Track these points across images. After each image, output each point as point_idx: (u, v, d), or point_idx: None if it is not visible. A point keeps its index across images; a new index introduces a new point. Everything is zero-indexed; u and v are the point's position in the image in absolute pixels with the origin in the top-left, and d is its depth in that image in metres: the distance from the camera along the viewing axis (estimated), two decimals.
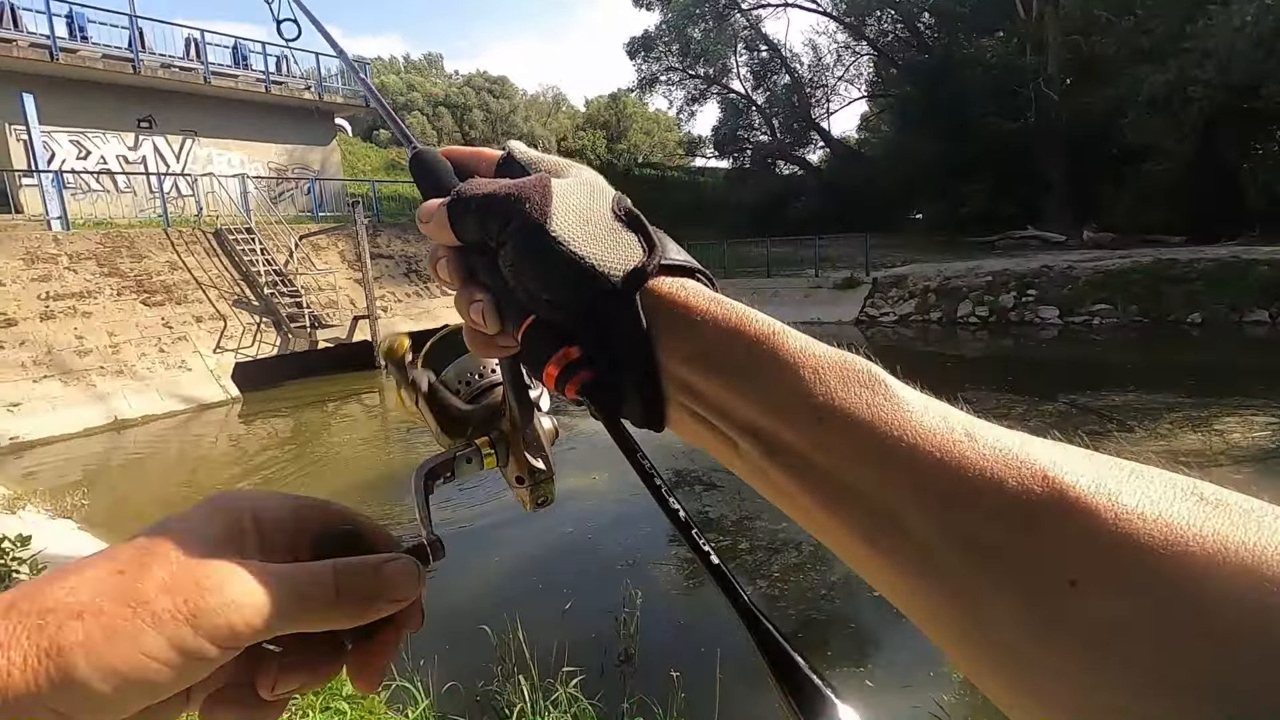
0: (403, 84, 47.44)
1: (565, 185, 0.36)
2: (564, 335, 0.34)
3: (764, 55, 32.62)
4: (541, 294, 0.34)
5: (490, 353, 0.38)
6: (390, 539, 0.39)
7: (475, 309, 0.36)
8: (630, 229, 0.35)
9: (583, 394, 0.34)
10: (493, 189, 0.35)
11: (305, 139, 19.77)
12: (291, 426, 10.72)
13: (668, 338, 0.33)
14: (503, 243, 0.34)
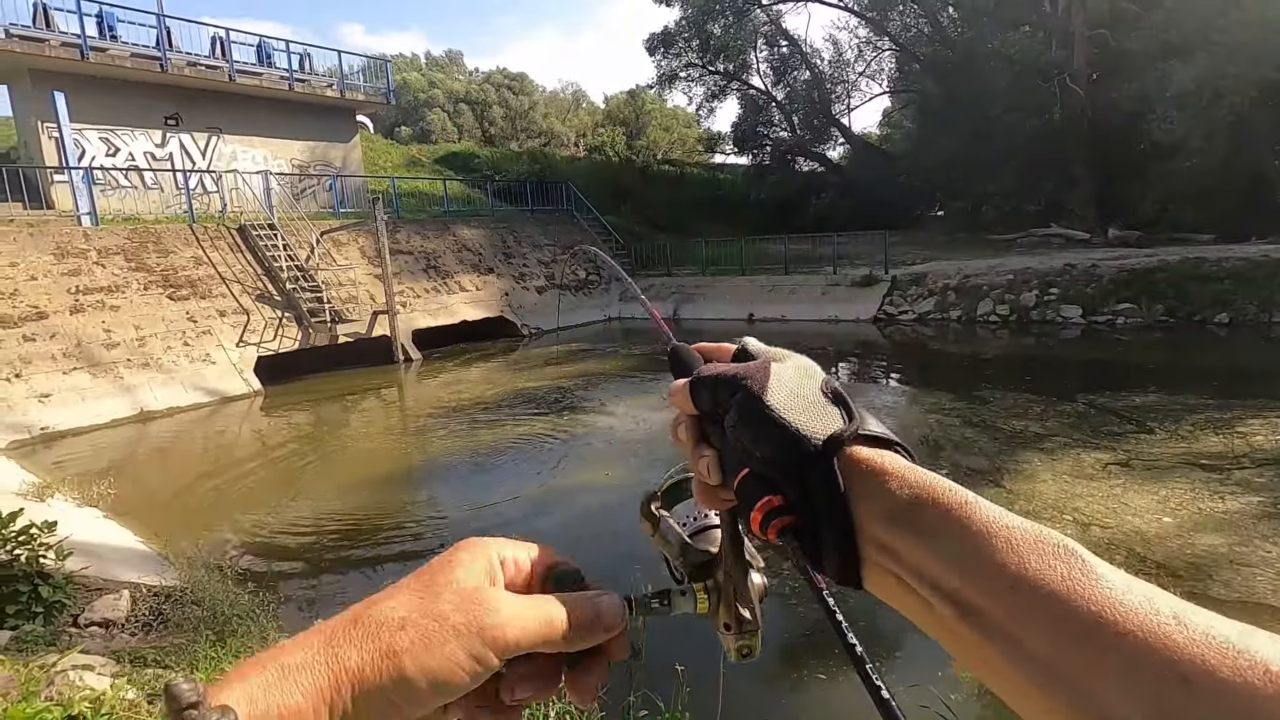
0: (424, 81, 47.79)
1: (782, 368, 0.44)
2: (770, 486, 0.40)
3: (784, 51, 32.38)
4: (755, 451, 0.40)
5: (713, 504, 0.46)
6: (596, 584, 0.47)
7: (703, 463, 0.44)
8: (834, 404, 0.41)
9: (782, 536, 0.39)
10: (725, 369, 0.45)
11: (327, 136, 20.01)
12: (312, 419, 10.90)
13: (864, 498, 0.37)
14: (728, 409, 0.42)
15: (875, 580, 0.38)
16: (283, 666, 0.34)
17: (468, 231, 19.72)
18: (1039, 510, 5.44)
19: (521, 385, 12.13)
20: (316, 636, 0.36)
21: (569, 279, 20.90)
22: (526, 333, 17.98)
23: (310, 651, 0.35)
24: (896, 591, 0.37)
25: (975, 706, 3.41)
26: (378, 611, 0.37)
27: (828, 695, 3.58)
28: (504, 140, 44.97)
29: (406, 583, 0.39)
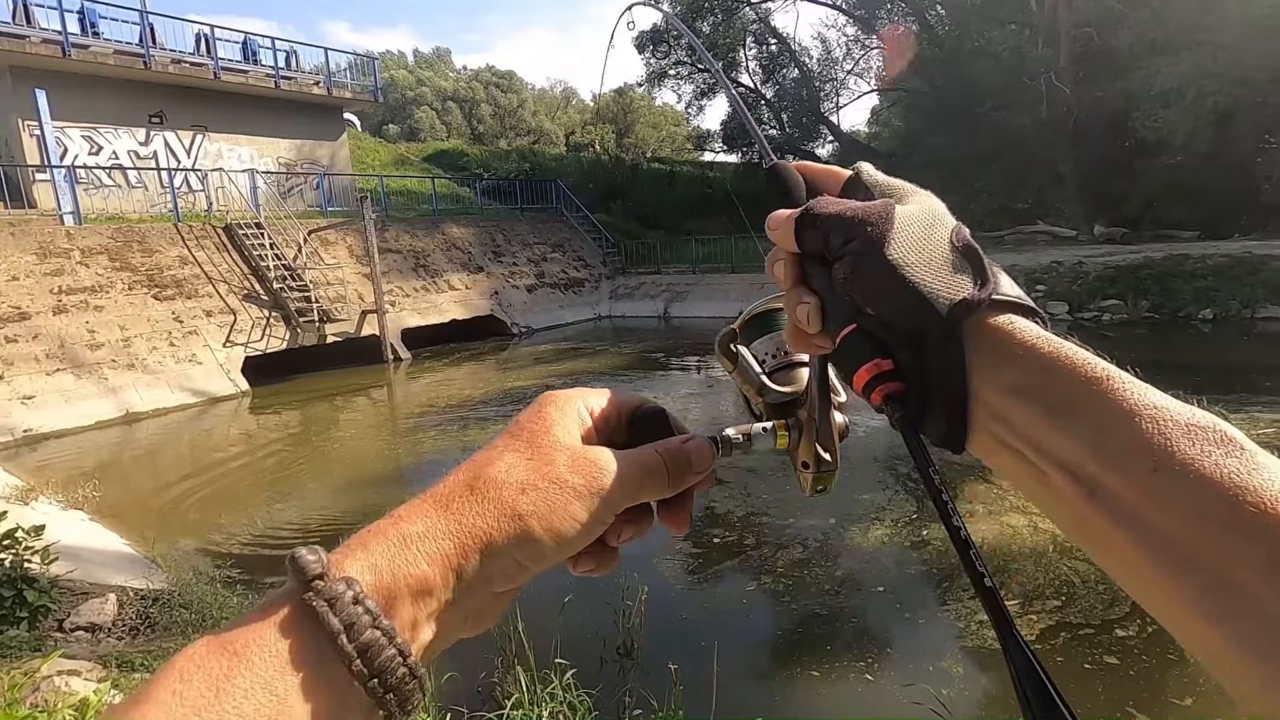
0: (412, 79, 47.54)
1: (907, 213, 0.38)
2: (880, 347, 0.37)
3: (773, 49, 32.43)
4: (867, 308, 0.37)
5: (805, 349, 0.43)
6: (681, 424, 0.45)
7: (802, 310, 0.40)
8: (965, 260, 0.37)
9: (886, 403, 0.37)
10: (840, 209, 0.39)
11: (314, 134, 19.86)
12: (300, 419, 10.82)
13: (988, 367, 0.35)
14: (840, 257, 0.38)
15: (983, 447, 0.36)
16: (404, 535, 0.34)
17: (457, 230, 19.63)
18: (1028, 505, 5.48)
19: (512, 384, 12.10)
20: (431, 504, 0.36)
21: (559, 277, 20.86)
22: (516, 332, 17.92)
23: (430, 519, 0.35)
24: (1006, 460, 0.35)
25: (967, 702, 3.43)
26: (493, 475, 0.37)
27: (820, 691, 3.59)
28: (493, 138, 44.80)
29: (507, 444, 0.39)
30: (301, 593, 0.29)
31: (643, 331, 17.83)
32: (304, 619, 0.29)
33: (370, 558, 0.32)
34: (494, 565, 0.35)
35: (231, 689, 0.26)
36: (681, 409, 9.86)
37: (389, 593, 0.32)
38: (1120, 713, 3.22)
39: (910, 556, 4.99)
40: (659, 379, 12.08)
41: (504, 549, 0.35)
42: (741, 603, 4.48)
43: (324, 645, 0.29)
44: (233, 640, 0.28)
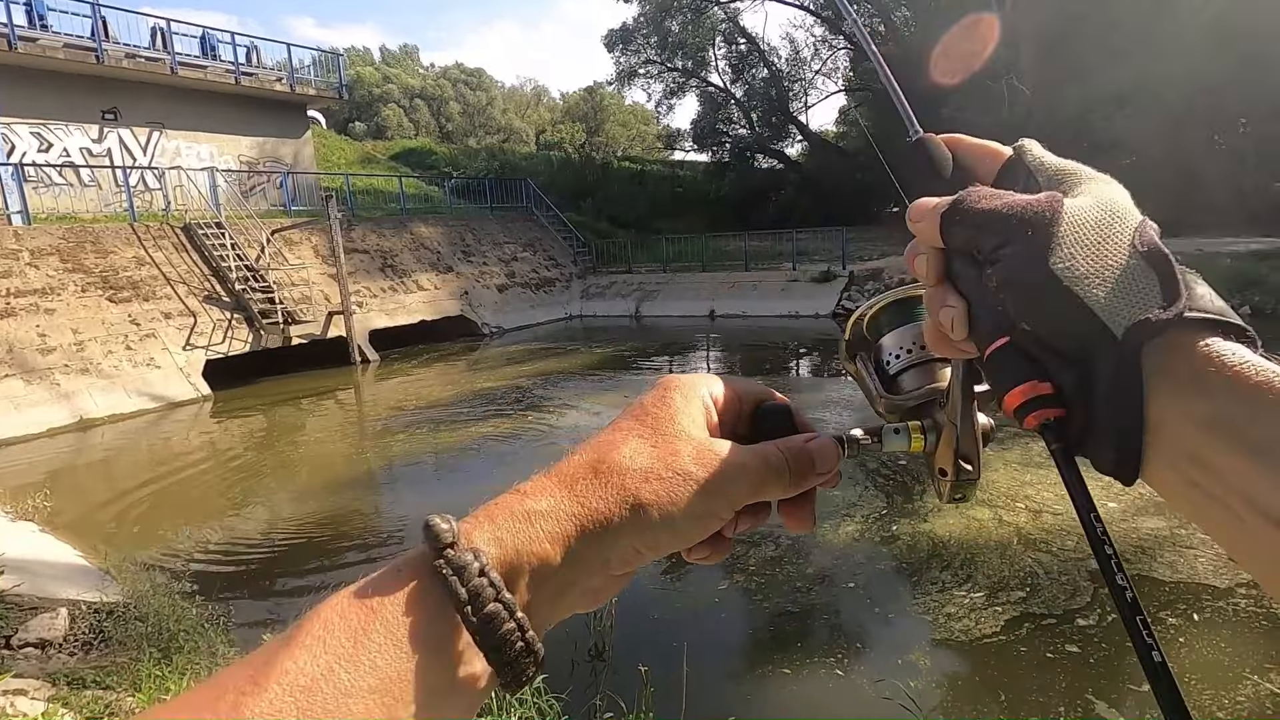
0: (378, 76, 46.78)
1: (1079, 210, 0.33)
2: (1038, 367, 0.33)
3: (742, 49, 32.62)
4: (1024, 322, 0.32)
5: (947, 352, 0.38)
6: (806, 420, 0.43)
7: (946, 314, 0.35)
8: (1151, 268, 0.31)
9: (1044, 432, 0.33)
10: (995, 206, 0.34)
11: (277, 131, 19.43)
12: (265, 424, 10.58)
13: (1176, 396, 0.30)
14: (993, 262, 0.33)
15: (1163, 483, 0.31)
16: (529, 512, 0.34)
17: (426, 229, 19.38)
18: (994, 499, 5.59)
19: (483, 385, 11.97)
20: (556, 482, 0.36)
21: (530, 276, 20.72)
22: (487, 332, 17.76)
23: (554, 498, 0.35)
24: (1195, 500, 0.30)
25: (935, 694, 3.48)
26: (617, 460, 0.36)
27: (792, 688, 3.61)
28: (462, 136, 44.35)
29: (630, 426, 0.39)
30: (432, 559, 0.31)
31: (614, 331, 17.80)
32: (433, 584, 0.31)
33: (496, 531, 0.33)
34: (613, 549, 0.35)
35: (367, 643, 0.29)
36: None
37: (511, 567, 0.33)
38: (1079, 700, 3.29)
39: (880, 552, 5.05)
40: (631, 378, 12.07)
41: (623, 534, 0.35)
42: (714, 602, 4.49)
43: (450, 612, 0.30)
44: (369, 597, 0.30)
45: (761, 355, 14.21)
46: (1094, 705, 3.24)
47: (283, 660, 0.27)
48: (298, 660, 0.27)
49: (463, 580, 0.30)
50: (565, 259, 22.60)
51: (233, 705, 0.26)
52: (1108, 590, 0.29)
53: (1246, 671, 3.40)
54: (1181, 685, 0.28)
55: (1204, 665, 3.51)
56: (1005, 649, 3.76)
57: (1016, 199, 0.34)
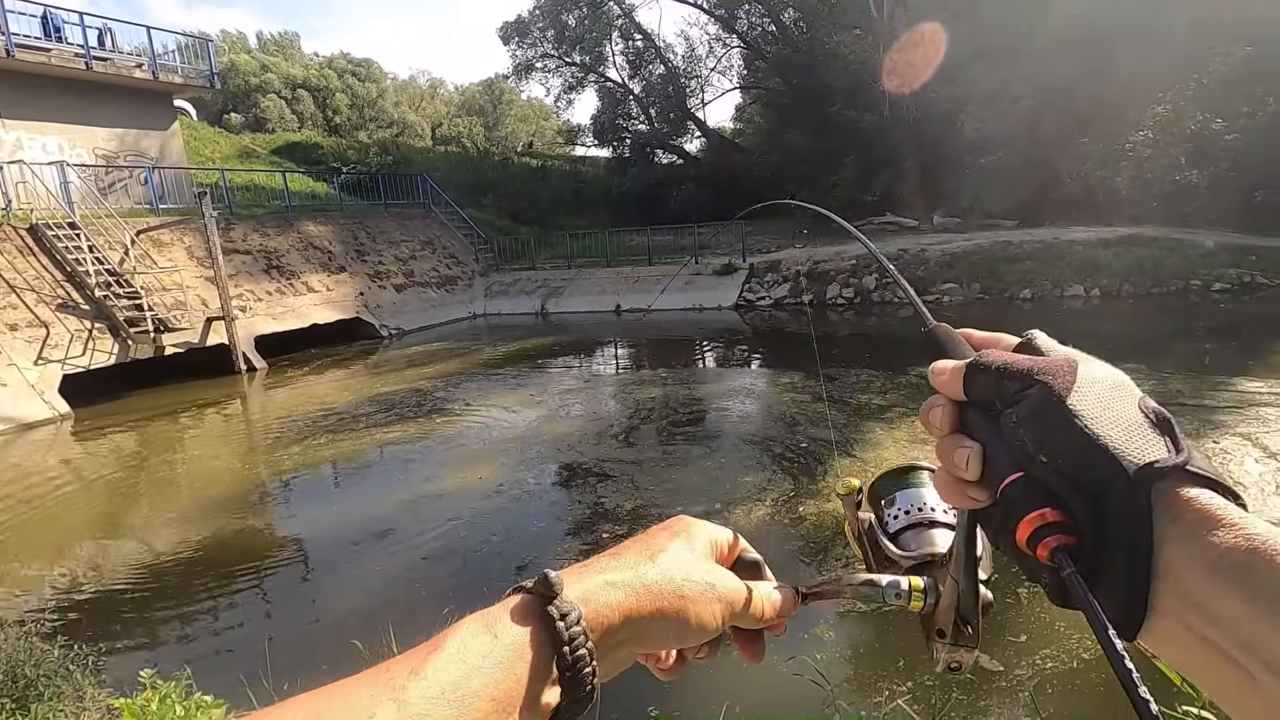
0: (255, 64, 43.66)
1: (1093, 370, 0.37)
2: (1051, 497, 0.35)
3: (639, 45, 32.83)
4: (1041, 456, 0.35)
5: (958, 500, 0.40)
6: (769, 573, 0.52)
7: (961, 455, 0.38)
8: (1157, 426, 0.35)
9: (1055, 557, 0.34)
10: (1016, 359, 0.38)
11: (139, 123, 17.75)
12: (138, 442, 9.69)
13: (1179, 541, 0.32)
14: (1014, 403, 0.37)
15: (1164, 635, 0.33)
16: (608, 581, 0.41)
17: (314, 228, 18.33)
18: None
19: (383, 389, 11.48)
20: (625, 564, 0.43)
21: (430, 275, 20.04)
22: (386, 334, 17.04)
23: (625, 574, 0.42)
24: (1197, 653, 0.31)
25: (840, 663, 3.65)
26: (668, 563, 0.44)
27: (710, 674, 3.68)
28: (351, 130, 42.21)
29: (670, 538, 0.46)
30: (544, 605, 0.38)
31: (520, 329, 17.53)
32: (543, 625, 0.38)
33: (584, 591, 0.40)
34: (652, 634, 0.42)
35: (491, 658, 0.36)
36: (560, 404, 9.79)
37: (590, 623, 0.39)
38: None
39: (790, 533, 5.25)
40: (537, 376, 11.92)
41: (667, 621, 0.42)
42: None
43: (549, 650, 0.37)
44: (493, 625, 0.38)
45: (668, 348, 14.41)
46: (977, 657, 3.50)
47: (434, 660, 0.35)
48: (445, 663, 0.35)
49: (566, 625, 0.38)
50: (467, 257, 22.01)
51: (401, 686, 0.34)
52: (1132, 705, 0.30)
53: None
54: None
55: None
56: (901, 616, 3.99)
57: (1034, 358, 0.38)
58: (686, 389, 10.15)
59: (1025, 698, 3.15)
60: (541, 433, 8.47)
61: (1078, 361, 0.38)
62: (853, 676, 3.54)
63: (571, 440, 8.08)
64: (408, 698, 0.33)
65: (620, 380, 11.94)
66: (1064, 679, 3.33)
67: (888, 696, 2.56)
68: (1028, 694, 3.17)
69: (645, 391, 10.20)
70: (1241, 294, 13.48)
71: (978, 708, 3.12)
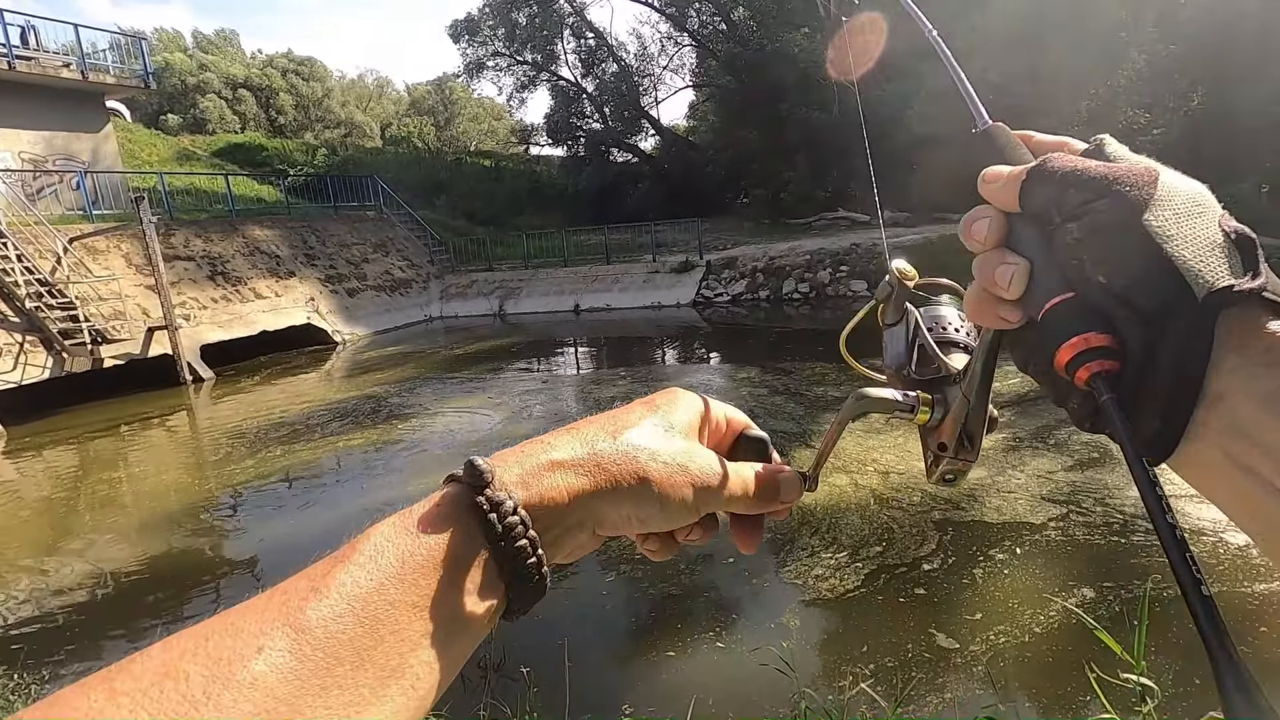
0: (192, 63, 42.08)
1: (1174, 181, 0.33)
2: (1102, 322, 0.32)
3: (591, 43, 32.73)
4: (1099, 276, 0.32)
5: (987, 319, 0.37)
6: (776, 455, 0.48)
7: (1004, 271, 0.35)
8: (1237, 249, 0.32)
9: (1093, 383, 0.32)
10: (1088, 165, 0.34)
11: (68, 125, 16.94)
12: (77, 459, 9.26)
13: (1242, 369, 0.30)
14: (1077, 216, 0.33)
15: (1201, 460, 0.31)
16: (553, 461, 0.38)
17: (261, 232, 17.78)
18: (846, 464, 6.05)
19: (338, 396, 11.22)
20: (577, 439, 0.39)
21: (383, 279, 19.64)
22: (339, 339, 16.64)
23: (576, 452, 0.38)
24: (1234, 480, 0.30)
25: (807, 651, 3.72)
26: (632, 436, 0.40)
27: (677, 667, 3.71)
28: (297, 131, 41.06)
29: (643, 413, 0.42)
30: (472, 496, 0.35)
31: (478, 330, 17.33)
32: (471, 518, 0.34)
33: (524, 474, 0.37)
34: (612, 512, 0.39)
35: (412, 564, 0.32)
36: (521, 405, 9.72)
37: (533, 508, 0.36)
38: (923, 635, 3.66)
39: None
40: (497, 378, 11.81)
41: (625, 501, 0.39)
42: (600, 594, 4.52)
43: (480, 544, 0.34)
44: (414, 525, 0.34)
45: (628, 346, 14.43)
46: (935, 637, 3.61)
47: (339, 573, 0.31)
48: (353, 574, 0.31)
49: (500, 516, 0.34)
50: (421, 259, 21.65)
51: (297, 609, 0.29)
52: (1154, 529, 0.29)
53: (1054, 591, 3.94)
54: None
55: (1022, 590, 4.02)
56: (865, 600, 4.10)
57: (1109, 165, 0.34)
58: (647, 387, 10.18)
59: (980, 672, 3.27)
60: (505, 434, 8.39)
61: (1158, 171, 0.34)
62: (818, 663, 3.61)
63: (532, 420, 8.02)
64: (306, 620, 0.29)
65: (581, 380, 11.91)
66: (1017, 652, 3.46)
67: (851, 680, 2.63)
68: (983, 668, 3.29)
69: (606, 390, 10.20)
70: None
71: (935, 684, 3.23)
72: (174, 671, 0.26)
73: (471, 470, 0.36)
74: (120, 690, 0.25)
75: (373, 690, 0.29)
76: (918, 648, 3.56)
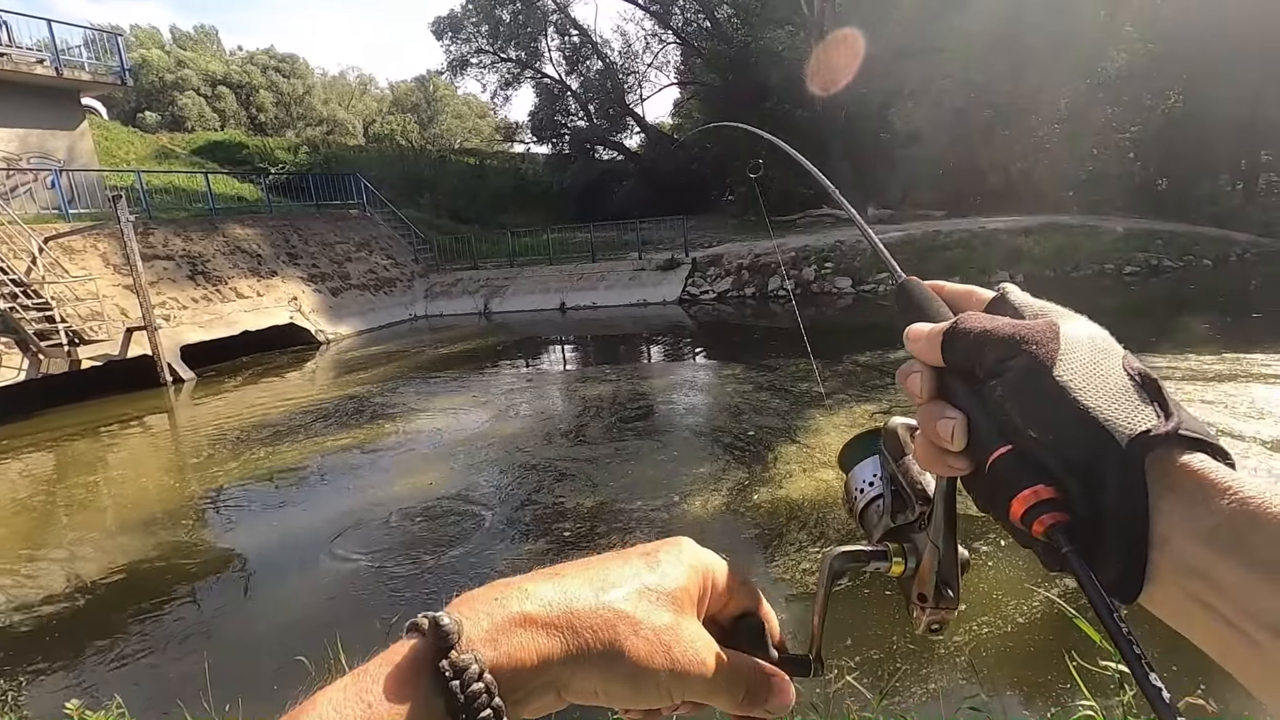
0: (170, 60, 41.47)
1: (1074, 333, 0.35)
2: (1042, 473, 0.33)
3: (575, 40, 32.65)
4: (1030, 431, 0.34)
5: (937, 468, 0.38)
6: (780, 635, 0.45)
7: (945, 425, 0.36)
8: (1144, 389, 0.34)
9: (1051, 535, 0.33)
10: (996, 325, 0.36)
11: (42, 122, 16.65)
12: (54, 463, 9.12)
13: (1179, 509, 0.31)
14: (997, 374, 0.35)
15: (1164, 601, 0.32)
16: (525, 616, 0.35)
17: (241, 230, 17.57)
18: (830, 462, 6.09)
19: (322, 397, 11.12)
20: (557, 591, 0.37)
21: (367, 277, 19.49)
22: (323, 339, 16.50)
23: (550, 608, 0.36)
24: (1198, 618, 0.31)
25: (790, 645, 3.74)
26: (613, 601, 0.37)
27: None
28: (278, 128, 40.63)
29: (633, 569, 0.39)
30: (435, 660, 0.32)
31: (463, 329, 17.25)
32: (434, 685, 0.32)
33: (493, 630, 0.34)
34: (578, 680, 0.36)
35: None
36: (507, 405, 9.70)
37: (498, 670, 0.34)
38: (908, 627, 3.70)
39: (745, 520, 5.35)
40: (483, 377, 11.76)
41: (594, 672, 0.36)
42: None
43: (441, 712, 0.31)
44: (367, 693, 0.31)
45: (614, 344, 14.43)
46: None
47: None
48: None
49: (463, 685, 0.32)
50: (405, 257, 21.50)
51: None
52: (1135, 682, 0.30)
53: (1037, 581, 4.00)
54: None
55: (1005, 581, 4.08)
56: (851, 594, 4.14)
57: (1015, 321, 0.37)
58: (634, 385, 10.19)
59: (963, 662, 3.31)
60: (491, 434, 8.37)
61: (1058, 324, 0.36)
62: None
63: (522, 440, 8.01)
64: None
65: (568, 378, 11.89)
66: (999, 642, 3.52)
67: (837, 674, 2.66)
68: (966, 658, 3.33)
69: (593, 389, 10.20)
70: (1149, 276, 14.39)
71: (920, 675, 3.27)
72: None
73: (436, 630, 0.33)
74: None
75: None
76: (903, 640, 3.61)
